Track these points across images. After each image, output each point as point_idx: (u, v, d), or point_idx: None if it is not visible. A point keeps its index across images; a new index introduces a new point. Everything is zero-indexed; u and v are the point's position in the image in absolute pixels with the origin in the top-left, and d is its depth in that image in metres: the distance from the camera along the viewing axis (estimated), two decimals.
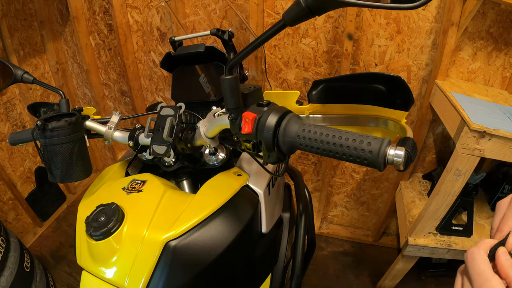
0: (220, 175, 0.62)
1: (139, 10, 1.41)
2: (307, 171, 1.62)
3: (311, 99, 0.55)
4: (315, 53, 1.28)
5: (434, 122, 1.28)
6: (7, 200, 1.58)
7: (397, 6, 0.35)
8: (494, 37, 1.09)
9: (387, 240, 1.70)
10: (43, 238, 1.73)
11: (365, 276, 1.55)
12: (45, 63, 1.70)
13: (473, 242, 1.17)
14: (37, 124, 0.54)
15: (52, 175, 0.59)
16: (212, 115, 0.56)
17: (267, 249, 0.65)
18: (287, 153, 0.44)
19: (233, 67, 0.45)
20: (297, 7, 0.36)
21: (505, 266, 0.32)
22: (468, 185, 1.11)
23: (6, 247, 1.19)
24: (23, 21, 1.54)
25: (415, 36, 1.15)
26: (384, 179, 1.53)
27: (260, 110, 0.44)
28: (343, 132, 0.38)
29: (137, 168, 0.73)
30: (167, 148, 0.55)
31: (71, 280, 1.52)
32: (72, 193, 1.98)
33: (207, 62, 0.79)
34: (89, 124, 0.66)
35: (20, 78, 0.67)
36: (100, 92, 1.73)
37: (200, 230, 0.52)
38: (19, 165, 1.65)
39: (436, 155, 1.41)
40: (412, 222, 1.24)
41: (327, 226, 1.78)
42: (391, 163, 0.35)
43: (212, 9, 1.30)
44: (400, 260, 1.30)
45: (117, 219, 0.51)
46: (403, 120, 0.48)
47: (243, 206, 0.58)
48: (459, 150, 0.92)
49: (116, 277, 0.50)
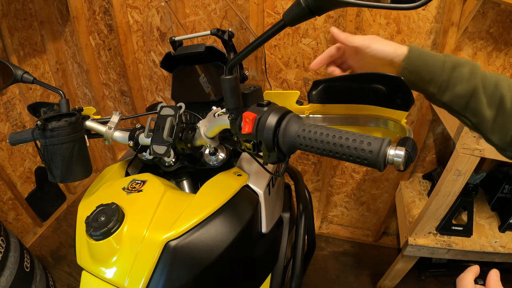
0: (220, 175, 0.62)
1: (139, 10, 1.41)
2: (307, 171, 1.62)
3: (311, 99, 0.55)
4: (315, 53, 1.28)
5: (434, 122, 1.28)
6: (7, 200, 1.58)
7: (397, 6, 0.35)
8: (494, 37, 1.09)
9: (387, 240, 1.71)
10: (43, 238, 1.73)
11: (365, 276, 1.55)
12: (45, 63, 1.70)
13: (473, 242, 1.17)
14: (37, 124, 0.54)
15: (52, 175, 0.59)
16: (212, 115, 0.56)
17: (267, 249, 0.65)
18: (287, 153, 0.44)
19: (233, 67, 0.45)
20: (297, 7, 0.36)
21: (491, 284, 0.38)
22: (468, 185, 1.12)
23: (6, 247, 1.19)
24: (23, 21, 1.54)
25: (415, 36, 1.15)
26: (384, 179, 1.53)
27: (260, 110, 0.44)
28: (343, 132, 0.38)
29: (137, 168, 0.73)
30: (167, 148, 0.55)
31: (71, 280, 1.52)
32: (72, 193, 1.98)
33: (207, 62, 0.79)
34: (89, 124, 0.66)
35: (20, 78, 0.67)
36: (100, 92, 1.73)
37: (200, 230, 0.52)
38: (19, 165, 1.65)
39: (436, 155, 1.41)
40: (412, 222, 1.24)
41: (327, 226, 1.78)
42: (391, 163, 0.35)
43: (212, 9, 1.30)
44: (400, 260, 1.30)
45: (117, 219, 0.51)
46: (403, 120, 0.48)
47: (243, 206, 0.58)
48: (459, 150, 0.92)
49: (116, 277, 0.50)
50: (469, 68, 0.48)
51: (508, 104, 0.45)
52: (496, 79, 0.47)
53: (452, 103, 0.49)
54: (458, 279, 0.41)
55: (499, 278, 0.39)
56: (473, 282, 0.40)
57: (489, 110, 0.47)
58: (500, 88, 0.46)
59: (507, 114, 0.46)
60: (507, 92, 0.46)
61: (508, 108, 0.45)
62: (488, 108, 0.47)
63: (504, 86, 0.46)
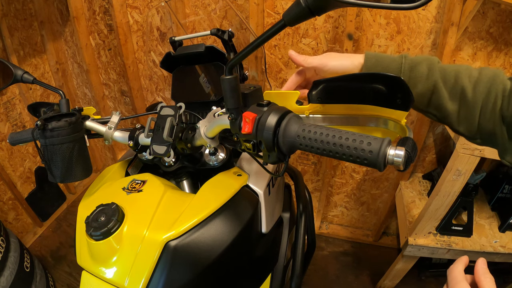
0: (220, 175, 0.62)
1: (139, 10, 1.41)
2: (307, 171, 1.62)
3: (311, 99, 0.55)
4: (315, 53, 1.28)
5: (434, 122, 1.28)
6: (7, 200, 1.58)
7: (397, 6, 0.35)
8: (494, 37, 1.09)
9: (387, 240, 1.70)
10: (43, 238, 1.73)
11: (365, 276, 1.55)
12: (45, 63, 1.70)
13: (473, 242, 1.17)
14: (37, 124, 0.54)
15: (52, 175, 0.59)
16: (212, 115, 0.56)
17: (267, 249, 0.65)
18: (287, 153, 0.44)
19: (233, 67, 0.45)
20: (297, 7, 0.36)
21: (479, 272, 0.40)
22: (468, 185, 1.12)
23: (6, 247, 1.19)
24: (23, 21, 1.54)
25: (415, 36, 1.15)
26: (384, 179, 1.53)
27: (260, 110, 0.44)
28: (343, 132, 0.38)
29: (137, 168, 0.73)
30: (167, 148, 0.55)
31: (71, 280, 1.52)
32: (72, 193, 1.98)
33: (207, 62, 0.79)
34: (89, 124, 0.66)
35: (20, 78, 0.67)
36: (100, 92, 1.73)
37: (200, 230, 0.52)
38: (19, 165, 1.65)
39: (436, 155, 1.41)
40: (412, 222, 1.24)
41: (327, 226, 1.78)
42: (391, 163, 0.35)
43: (212, 9, 1.30)
44: (400, 260, 1.30)
45: (117, 219, 0.51)
46: (403, 120, 0.48)
47: (243, 206, 0.58)
48: (459, 150, 0.92)
49: (116, 277, 0.50)
50: (426, 65, 0.49)
51: (469, 95, 0.46)
52: (456, 71, 0.48)
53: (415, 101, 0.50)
54: (449, 270, 0.43)
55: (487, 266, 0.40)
56: (463, 272, 0.42)
57: (452, 103, 0.48)
58: (460, 80, 0.47)
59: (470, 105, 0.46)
60: (468, 83, 0.46)
61: (470, 99, 0.46)
62: (451, 101, 0.48)
63: (465, 78, 0.47)
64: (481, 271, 0.40)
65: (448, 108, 0.48)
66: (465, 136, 0.50)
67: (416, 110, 0.53)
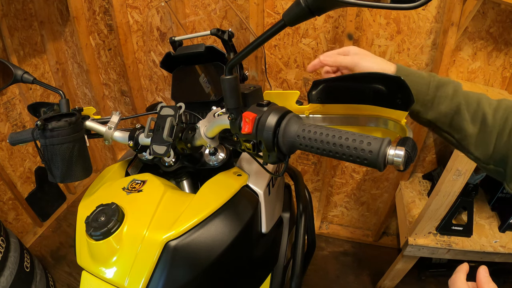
0: (220, 175, 0.62)
1: (139, 10, 1.41)
2: (307, 171, 1.62)
3: (311, 99, 0.55)
4: (315, 53, 1.28)
5: None
6: (7, 200, 1.58)
7: (397, 6, 0.35)
8: (494, 37, 1.09)
9: (387, 240, 1.70)
10: (43, 238, 1.73)
11: (365, 276, 1.55)
12: (45, 63, 1.70)
13: (473, 242, 1.17)
14: (37, 124, 0.54)
15: (52, 175, 0.59)
16: (212, 115, 0.56)
17: (267, 249, 0.65)
18: (287, 153, 0.44)
19: (233, 67, 0.45)
20: (297, 7, 0.36)
21: (482, 281, 0.40)
22: (468, 185, 1.11)
23: (6, 247, 1.19)
24: (23, 21, 1.54)
25: (415, 36, 1.15)
26: (384, 179, 1.53)
27: (260, 110, 0.44)
28: (343, 132, 0.38)
29: (137, 168, 0.73)
30: (167, 148, 0.55)
31: (71, 280, 1.52)
32: (72, 193, 1.98)
33: (207, 62, 0.79)
34: (89, 124, 0.66)
35: (20, 78, 0.67)
36: (100, 92, 1.73)
37: (200, 230, 0.52)
38: (19, 165, 1.65)
39: (436, 155, 1.41)
40: (412, 222, 1.24)
41: (327, 226, 1.78)
42: (391, 163, 0.35)
43: (212, 9, 1.31)
44: (400, 260, 1.30)
45: (117, 219, 0.51)
46: (403, 120, 0.48)
47: (243, 206, 0.58)
48: None
49: (116, 277, 0.50)
50: (452, 87, 0.52)
51: (490, 121, 0.49)
52: (478, 98, 0.51)
53: (436, 120, 0.52)
54: (451, 281, 0.43)
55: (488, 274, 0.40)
56: (465, 282, 0.42)
57: (473, 126, 0.50)
58: (482, 105, 0.50)
59: (488, 130, 0.49)
60: (488, 109, 0.49)
61: (490, 124, 0.49)
62: (472, 124, 0.50)
63: (485, 104, 0.50)
64: (483, 280, 0.40)
65: (469, 131, 0.50)
66: (479, 161, 0.51)
67: (433, 131, 0.55)
